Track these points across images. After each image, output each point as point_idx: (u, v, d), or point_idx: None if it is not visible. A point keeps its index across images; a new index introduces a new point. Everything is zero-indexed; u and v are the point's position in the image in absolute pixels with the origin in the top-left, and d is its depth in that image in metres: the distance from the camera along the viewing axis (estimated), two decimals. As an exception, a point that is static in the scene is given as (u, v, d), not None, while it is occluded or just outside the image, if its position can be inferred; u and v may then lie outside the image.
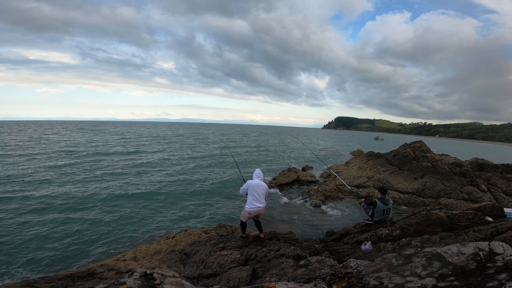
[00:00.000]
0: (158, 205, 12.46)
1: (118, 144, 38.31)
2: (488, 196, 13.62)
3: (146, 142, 43.72)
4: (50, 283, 3.59)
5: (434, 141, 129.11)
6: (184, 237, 7.31)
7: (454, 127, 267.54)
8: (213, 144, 45.89)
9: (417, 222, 5.53)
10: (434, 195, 14.14)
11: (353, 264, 2.42)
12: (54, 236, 8.78)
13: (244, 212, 5.44)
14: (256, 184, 5.27)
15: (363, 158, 22.83)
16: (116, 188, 14.76)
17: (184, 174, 19.40)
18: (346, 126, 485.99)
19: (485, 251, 1.74)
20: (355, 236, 6.06)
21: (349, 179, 17.36)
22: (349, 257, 4.95)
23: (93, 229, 9.44)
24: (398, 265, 1.85)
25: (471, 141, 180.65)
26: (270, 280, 4.00)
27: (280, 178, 17.20)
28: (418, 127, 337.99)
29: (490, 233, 4.37)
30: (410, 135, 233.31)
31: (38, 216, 10.32)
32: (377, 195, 6.34)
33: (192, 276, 4.98)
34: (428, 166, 16.14)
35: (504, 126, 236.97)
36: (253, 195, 5.23)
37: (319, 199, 13.51)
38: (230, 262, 4.86)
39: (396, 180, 15.95)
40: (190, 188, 15.70)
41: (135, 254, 6.49)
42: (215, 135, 73.87)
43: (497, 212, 5.86)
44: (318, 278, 2.05)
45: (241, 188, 5.52)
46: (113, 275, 4.51)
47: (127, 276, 1.40)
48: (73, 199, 12.42)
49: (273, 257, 4.76)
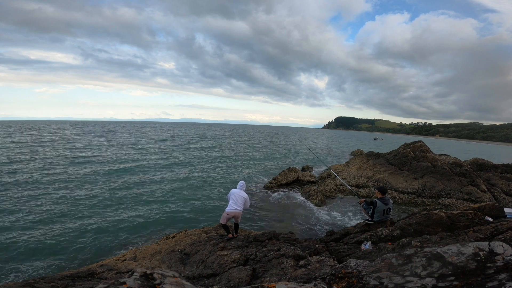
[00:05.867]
0: (158, 205, 12.46)
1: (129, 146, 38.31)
2: (488, 196, 13.62)
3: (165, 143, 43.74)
4: (50, 283, 3.59)
5: (434, 141, 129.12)
6: (184, 237, 7.31)
7: (454, 127, 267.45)
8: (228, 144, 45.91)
9: (417, 222, 5.53)
10: (434, 195, 14.14)
11: (353, 264, 2.42)
12: (53, 236, 8.77)
13: (224, 214, 6.28)
14: (236, 192, 6.37)
15: (363, 158, 22.83)
16: (116, 188, 14.75)
17: (184, 175, 19.40)
18: (346, 126, 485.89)
19: (485, 251, 1.74)
20: (355, 236, 6.06)
21: (349, 179, 17.36)
22: (349, 257, 4.95)
23: (93, 229, 9.43)
24: (398, 265, 1.85)
25: (471, 141, 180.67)
26: (270, 280, 4.00)
27: (280, 178, 17.20)
28: (418, 127, 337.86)
29: (490, 233, 4.37)
30: (410, 135, 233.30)
31: (38, 216, 10.32)
32: (377, 195, 6.33)
33: (192, 276, 4.99)
34: (428, 166, 16.14)
35: (504, 126, 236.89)
36: (232, 199, 6.27)
37: (319, 199, 13.52)
38: (230, 262, 4.86)
39: (396, 180, 15.96)
40: (190, 188, 15.70)
41: (135, 254, 6.49)
42: (225, 137, 73.81)
43: (497, 212, 5.86)
44: (318, 278, 2.04)
45: (227, 195, 6.65)
46: (113, 275, 4.51)
47: (127, 276, 1.40)
48: (73, 199, 12.43)
49: (273, 257, 4.75)
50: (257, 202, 13.28)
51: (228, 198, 6.46)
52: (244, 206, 6.35)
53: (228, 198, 6.46)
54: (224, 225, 6.37)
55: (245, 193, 6.48)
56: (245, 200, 6.37)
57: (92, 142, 39.83)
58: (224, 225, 6.36)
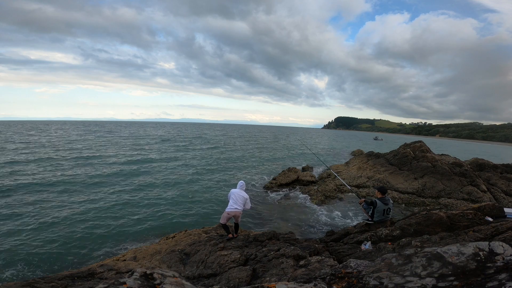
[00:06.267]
0: (158, 205, 12.45)
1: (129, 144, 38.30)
2: (488, 196, 13.62)
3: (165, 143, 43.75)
4: (50, 283, 3.59)
5: (434, 141, 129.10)
6: (184, 237, 7.31)
7: (454, 127, 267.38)
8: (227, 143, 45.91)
9: (417, 222, 5.53)
10: (434, 195, 14.14)
11: (353, 264, 2.42)
12: (54, 236, 8.78)
13: (224, 213, 6.31)
14: (236, 192, 6.40)
15: (363, 158, 22.84)
16: (116, 188, 14.76)
17: (184, 175, 19.40)
18: (346, 126, 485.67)
19: (485, 251, 1.74)
20: (355, 236, 6.06)
21: (349, 179, 17.36)
22: (349, 257, 4.95)
23: (93, 229, 9.44)
24: (398, 265, 1.85)
25: (471, 141, 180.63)
26: (270, 280, 4.00)
27: (280, 178, 17.20)
28: (418, 127, 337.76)
29: (490, 233, 4.36)
30: (410, 135, 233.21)
31: (38, 216, 10.32)
32: (377, 195, 6.34)
33: (192, 276, 4.99)
34: (428, 166, 16.14)
35: (504, 126, 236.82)
36: (233, 199, 6.30)
37: (319, 199, 13.51)
38: (230, 262, 4.86)
39: (396, 180, 15.96)
40: (191, 189, 15.70)
41: (135, 254, 6.49)
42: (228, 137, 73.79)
43: (497, 212, 5.85)
44: (318, 278, 2.04)
45: (227, 195, 6.70)
46: (113, 275, 4.51)
47: (127, 276, 1.40)
48: (73, 200, 12.43)
49: (273, 257, 4.75)
50: (257, 202, 13.28)
51: (228, 198, 6.50)
52: (245, 206, 6.36)
53: (228, 198, 6.50)
54: (224, 225, 6.38)
55: (245, 193, 6.51)
56: (246, 199, 6.40)
57: (92, 142, 39.84)
58: (224, 225, 6.37)
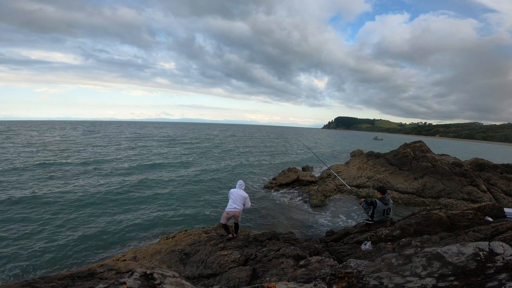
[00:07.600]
0: (158, 205, 12.46)
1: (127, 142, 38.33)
2: (488, 196, 13.62)
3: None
4: (50, 283, 3.59)
5: (434, 141, 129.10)
6: (184, 237, 7.31)
7: (454, 127, 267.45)
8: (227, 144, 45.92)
9: (417, 222, 5.53)
10: (434, 195, 14.14)
11: (353, 264, 2.42)
12: (54, 236, 8.78)
13: (224, 213, 6.31)
14: (235, 191, 6.40)
15: (363, 158, 22.83)
16: (116, 188, 14.75)
17: (184, 175, 19.40)
18: (346, 126, 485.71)
19: (485, 251, 1.74)
20: (355, 236, 6.06)
21: (349, 179, 17.36)
22: (349, 257, 4.95)
23: (93, 229, 9.43)
24: (398, 265, 1.85)
25: (471, 141, 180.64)
26: (270, 280, 4.00)
27: (280, 178, 17.20)
28: (418, 127, 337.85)
29: (490, 233, 4.37)
30: (410, 135, 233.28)
31: (38, 216, 10.32)
32: (377, 195, 6.34)
33: (192, 276, 4.99)
34: (428, 166, 16.14)
35: (504, 126, 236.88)
36: (232, 198, 6.31)
37: (319, 199, 13.51)
38: (230, 262, 4.86)
39: (396, 180, 15.95)
40: (190, 188, 15.70)
41: (135, 254, 6.49)
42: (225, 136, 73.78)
43: (497, 212, 5.86)
44: (318, 278, 2.04)
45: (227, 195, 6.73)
46: (113, 275, 4.51)
47: (127, 276, 1.40)
48: (73, 200, 12.42)
49: (273, 257, 4.75)
50: (257, 202, 13.28)
51: (228, 198, 6.51)
52: (245, 206, 6.38)
53: (228, 198, 6.51)
54: (224, 225, 6.39)
55: (245, 192, 6.52)
56: (245, 199, 6.41)
57: (92, 142, 39.83)
58: (224, 225, 6.38)
